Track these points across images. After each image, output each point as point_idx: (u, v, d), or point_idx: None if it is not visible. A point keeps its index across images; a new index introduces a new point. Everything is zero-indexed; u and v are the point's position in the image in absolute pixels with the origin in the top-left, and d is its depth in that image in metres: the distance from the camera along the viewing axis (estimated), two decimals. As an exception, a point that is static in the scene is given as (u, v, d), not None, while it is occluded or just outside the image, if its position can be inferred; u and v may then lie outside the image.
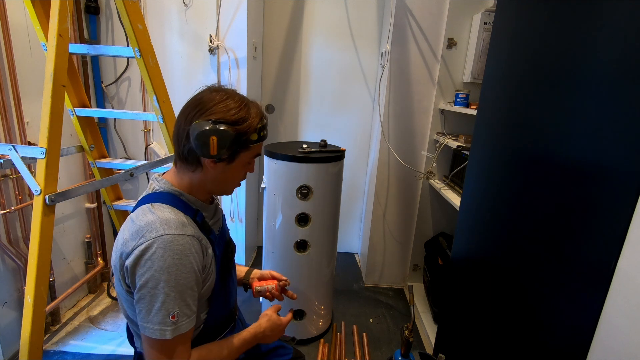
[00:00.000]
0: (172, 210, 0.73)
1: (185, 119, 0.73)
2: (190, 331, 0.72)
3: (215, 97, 0.73)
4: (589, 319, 0.64)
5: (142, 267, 0.66)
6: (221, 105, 0.72)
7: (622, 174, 0.59)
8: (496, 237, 1.04)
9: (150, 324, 0.68)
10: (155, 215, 0.70)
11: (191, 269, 0.69)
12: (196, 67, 1.98)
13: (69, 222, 1.87)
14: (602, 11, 0.66)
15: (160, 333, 0.67)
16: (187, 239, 0.70)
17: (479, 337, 1.10)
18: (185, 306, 0.70)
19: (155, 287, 0.67)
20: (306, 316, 1.75)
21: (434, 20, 1.89)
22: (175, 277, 0.67)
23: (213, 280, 0.80)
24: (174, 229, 0.69)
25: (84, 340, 1.70)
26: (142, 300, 0.68)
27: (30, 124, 1.57)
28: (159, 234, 0.67)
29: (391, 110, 2.04)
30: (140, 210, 0.72)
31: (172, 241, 0.67)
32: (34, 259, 1.08)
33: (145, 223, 0.69)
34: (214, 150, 0.70)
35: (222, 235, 0.87)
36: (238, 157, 0.76)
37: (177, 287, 0.68)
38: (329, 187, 1.59)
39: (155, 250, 0.66)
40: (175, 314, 0.68)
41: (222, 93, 0.74)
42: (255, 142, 0.76)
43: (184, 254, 0.68)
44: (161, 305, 0.67)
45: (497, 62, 1.08)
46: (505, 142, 1.00)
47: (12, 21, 1.44)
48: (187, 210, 0.75)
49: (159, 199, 0.74)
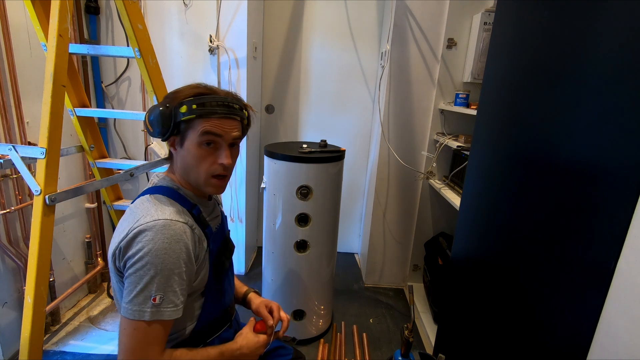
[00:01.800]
0: (169, 200, 0.75)
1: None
2: (170, 322, 0.70)
3: (178, 89, 0.77)
4: (589, 319, 0.64)
5: (133, 248, 0.67)
6: (173, 92, 0.76)
7: (622, 174, 0.59)
8: (496, 237, 1.04)
9: (130, 305, 0.67)
10: (151, 203, 0.73)
11: (181, 254, 0.69)
12: (196, 67, 1.98)
13: (69, 222, 1.87)
14: (602, 11, 0.66)
15: (138, 314, 0.66)
16: (180, 225, 0.70)
17: (479, 337, 1.10)
18: (172, 292, 0.68)
19: (142, 269, 0.66)
20: (306, 316, 1.75)
21: (434, 20, 1.89)
22: (162, 260, 0.67)
23: (206, 274, 0.80)
24: (168, 215, 0.70)
25: (84, 340, 1.70)
26: (127, 280, 0.68)
27: (30, 124, 1.57)
28: (153, 218, 0.69)
29: (391, 110, 2.04)
30: (139, 200, 0.75)
31: (164, 225, 0.68)
32: (34, 259, 1.08)
33: (142, 209, 0.71)
34: (151, 127, 0.74)
35: (220, 232, 0.87)
36: (187, 138, 0.74)
37: (164, 270, 0.67)
38: (329, 187, 1.59)
39: (147, 234, 0.67)
40: (158, 297, 0.67)
41: (192, 84, 0.78)
42: (185, 115, 0.72)
43: (174, 239, 0.68)
44: (144, 286, 0.66)
45: (497, 62, 1.08)
46: (505, 142, 1.00)
47: (12, 21, 1.44)
48: (184, 203, 0.77)
49: (157, 192, 0.77)
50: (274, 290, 1.73)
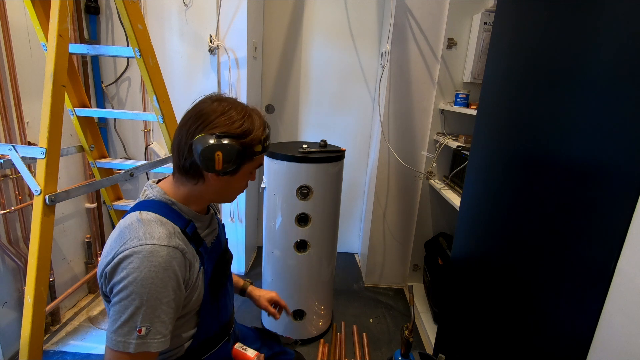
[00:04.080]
0: (160, 219, 0.70)
1: (187, 132, 0.70)
2: (155, 354, 0.66)
3: (217, 109, 0.70)
4: (589, 319, 0.64)
5: (118, 275, 0.63)
6: (224, 117, 0.69)
7: (622, 174, 0.59)
8: (496, 237, 1.04)
9: (114, 335, 0.63)
10: (140, 223, 0.67)
11: (169, 282, 0.65)
12: (196, 67, 1.98)
13: (69, 222, 1.87)
14: (602, 11, 0.66)
15: (123, 345, 0.63)
16: (170, 250, 0.66)
17: (479, 337, 1.10)
18: (160, 323, 0.65)
19: (126, 298, 0.62)
20: (306, 316, 1.75)
21: (434, 20, 1.89)
22: (149, 290, 0.63)
23: (201, 294, 0.76)
24: (157, 240, 0.65)
25: (84, 340, 1.70)
26: (112, 309, 0.64)
27: (30, 124, 1.57)
28: (140, 243, 0.64)
29: (391, 110, 2.04)
30: (128, 217, 0.70)
31: (151, 252, 0.64)
32: (34, 259, 1.08)
33: (129, 231, 0.66)
34: (219, 165, 0.68)
35: (215, 248, 0.83)
36: (242, 169, 0.74)
37: (150, 300, 0.63)
38: (329, 187, 1.59)
39: (132, 260, 0.63)
40: (144, 329, 0.63)
41: (224, 104, 0.71)
42: (259, 153, 0.74)
43: (162, 267, 0.64)
44: (129, 317, 0.63)
45: (497, 62, 1.08)
46: (505, 142, 1.00)
47: (12, 21, 1.44)
48: (178, 220, 0.72)
49: (149, 207, 0.71)
50: (274, 290, 1.73)
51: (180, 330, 0.76)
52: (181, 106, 0.76)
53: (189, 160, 0.70)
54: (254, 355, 0.88)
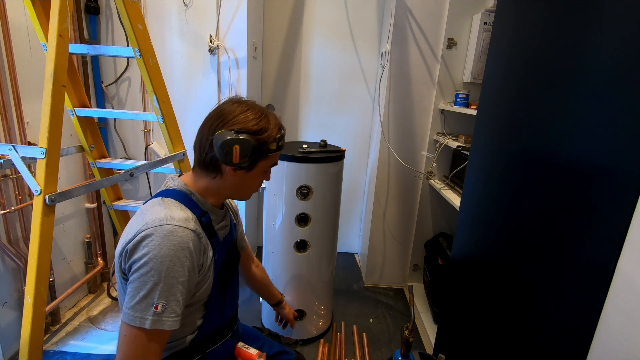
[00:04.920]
0: (179, 205, 0.75)
1: (208, 129, 0.76)
2: (168, 333, 0.69)
3: (237, 109, 0.76)
4: (589, 319, 0.64)
5: (139, 252, 0.67)
6: (242, 116, 0.75)
7: (622, 174, 0.59)
8: (496, 237, 1.04)
9: (131, 311, 0.66)
10: (161, 206, 0.73)
11: (185, 262, 0.69)
12: (196, 67, 1.98)
13: (69, 222, 1.87)
14: (602, 11, 0.66)
15: (139, 321, 0.65)
16: (187, 232, 0.70)
17: (479, 337, 1.10)
18: (174, 301, 0.68)
19: (146, 274, 0.66)
20: (306, 316, 1.75)
21: (434, 20, 1.89)
22: (167, 267, 0.67)
23: (210, 285, 0.80)
24: (177, 221, 0.70)
25: (84, 340, 1.70)
26: (131, 285, 0.67)
27: (30, 124, 1.57)
28: (161, 223, 0.69)
29: (391, 110, 2.04)
30: (150, 202, 0.76)
31: (171, 231, 0.68)
32: (34, 259, 1.08)
33: (151, 212, 0.71)
34: (237, 158, 0.74)
35: (227, 242, 0.87)
36: (257, 166, 0.79)
37: (167, 278, 0.67)
38: (329, 187, 1.59)
39: (153, 238, 0.67)
40: (160, 305, 0.66)
41: (243, 105, 0.78)
42: (273, 151, 0.80)
43: (180, 246, 0.68)
44: (147, 292, 0.66)
45: (497, 62, 1.08)
46: (505, 142, 1.00)
47: (12, 21, 1.44)
48: (195, 209, 0.77)
49: (170, 195, 0.77)
50: (274, 290, 1.73)
51: (187, 320, 0.77)
52: (181, 106, 0.78)
53: (210, 155, 0.76)
54: (256, 354, 0.89)
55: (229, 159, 0.73)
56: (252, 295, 2.12)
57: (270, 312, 1.78)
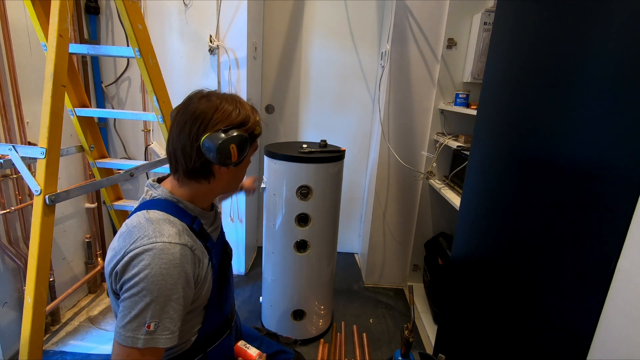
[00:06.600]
0: (168, 217, 0.71)
1: (189, 135, 0.70)
2: (163, 349, 0.67)
3: (210, 106, 0.71)
4: (589, 319, 0.64)
5: (129, 272, 0.64)
6: (219, 112, 0.71)
7: (622, 174, 0.59)
8: (496, 237, 1.04)
9: (123, 330, 0.64)
10: (149, 222, 0.68)
11: (179, 279, 0.66)
12: (196, 67, 1.98)
13: (69, 222, 1.87)
14: (602, 11, 0.66)
15: (131, 340, 0.63)
16: (178, 247, 0.67)
17: (479, 337, 1.10)
18: (168, 319, 0.66)
19: (137, 294, 0.64)
20: (306, 316, 1.75)
21: (434, 20, 1.89)
22: (159, 287, 0.64)
23: (209, 289, 0.78)
24: (167, 237, 0.67)
25: (84, 340, 1.70)
26: (122, 304, 0.65)
27: (30, 124, 1.57)
28: (150, 241, 0.65)
29: (391, 110, 2.04)
30: (135, 216, 0.71)
31: (162, 250, 0.65)
32: (34, 259, 1.08)
33: (138, 229, 0.67)
34: (235, 157, 0.71)
35: (220, 241, 0.86)
36: (247, 155, 0.77)
37: (160, 297, 0.64)
38: (329, 187, 1.59)
39: (143, 257, 0.64)
40: (152, 324, 0.64)
41: (213, 98, 0.72)
42: (258, 135, 0.78)
43: (172, 264, 0.65)
44: (139, 312, 0.64)
45: (497, 62, 1.08)
46: (505, 142, 1.00)
47: (12, 21, 1.44)
48: (184, 217, 0.73)
49: (155, 206, 0.72)
50: (274, 290, 1.73)
51: (189, 324, 0.77)
52: (181, 106, 0.77)
53: (199, 162, 0.71)
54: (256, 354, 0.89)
55: (228, 160, 0.70)
56: (252, 295, 2.13)
57: (270, 312, 1.78)
